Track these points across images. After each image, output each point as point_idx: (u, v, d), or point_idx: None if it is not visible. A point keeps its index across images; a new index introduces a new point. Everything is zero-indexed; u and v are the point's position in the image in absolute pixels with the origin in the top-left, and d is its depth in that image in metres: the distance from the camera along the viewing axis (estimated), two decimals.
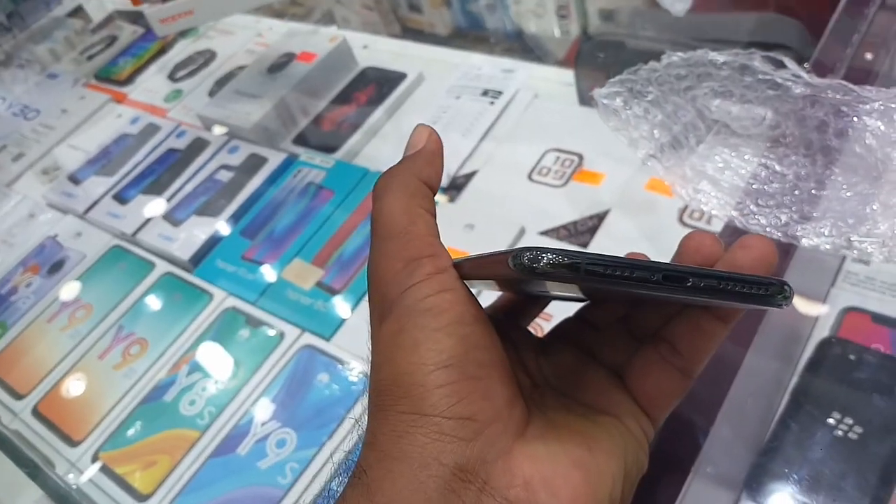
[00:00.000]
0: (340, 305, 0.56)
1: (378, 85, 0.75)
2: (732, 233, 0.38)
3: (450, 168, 0.63)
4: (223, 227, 0.66)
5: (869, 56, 0.46)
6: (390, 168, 0.29)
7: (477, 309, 0.25)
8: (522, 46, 0.81)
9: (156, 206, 0.70)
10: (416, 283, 0.25)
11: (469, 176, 0.63)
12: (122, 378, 0.57)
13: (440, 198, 0.61)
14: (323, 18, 0.94)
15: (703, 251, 0.26)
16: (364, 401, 0.27)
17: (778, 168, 0.37)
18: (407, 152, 0.30)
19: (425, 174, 0.29)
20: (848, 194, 0.36)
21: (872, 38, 0.46)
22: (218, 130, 0.77)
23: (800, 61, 0.41)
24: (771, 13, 0.60)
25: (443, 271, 0.26)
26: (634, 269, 0.20)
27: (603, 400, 0.28)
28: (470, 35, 0.88)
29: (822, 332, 0.42)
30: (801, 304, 0.42)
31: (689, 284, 0.21)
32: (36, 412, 0.58)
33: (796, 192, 0.37)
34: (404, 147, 0.30)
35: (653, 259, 0.22)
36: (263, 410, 0.51)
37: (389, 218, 0.27)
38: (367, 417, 0.26)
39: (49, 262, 0.71)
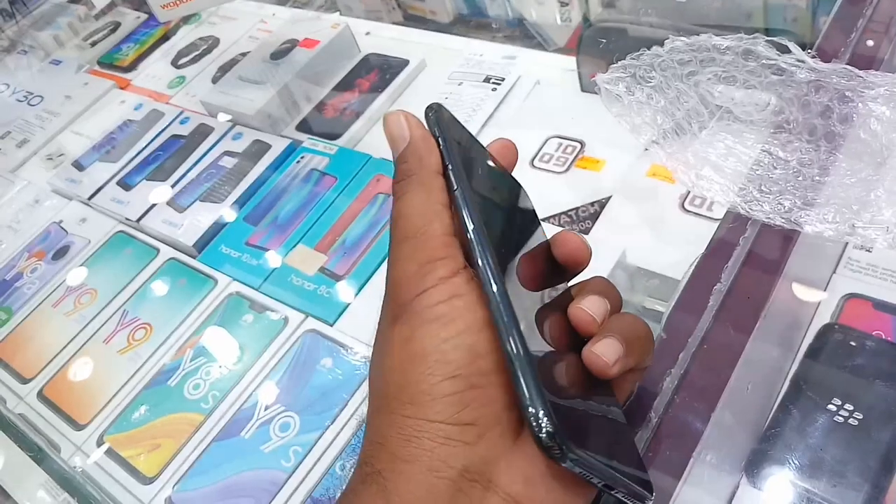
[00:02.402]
0: (343, 291, 0.56)
1: (380, 71, 0.75)
2: (735, 219, 0.38)
3: None
4: (227, 212, 0.66)
5: (871, 42, 0.46)
6: (404, 167, 0.30)
7: (485, 312, 0.26)
8: (524, 33, 0.80)
9: (160, 192, 0.71)
10: (428, 288, 0.26)
11: None
12: (127, 362, 0.58)
13: None
14: (325, 4, 0.93)
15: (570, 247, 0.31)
16: (365, 386, 0.28)
17: (781, 154, 0.37)
18: (396, 147, 0.31)
19: (436, 164, 0.29)
20: (852, 180, 0.36)
21: (876, 24, 0.46)
22: (222, 117, 0.77)
23: (804, 46, 0.41)
24: None
25: (455, 274, 0.27)
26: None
27: None
28: (472, 22, 0.88)
29: (823, 318, 0.41)
30: (802, 290, 0.42)
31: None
32: (42, 396, 0.58)
33: (800, 179, 0.37)
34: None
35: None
36: (267, 395, 0.51)
37: (406, 220, 0.28)
38: (368, 409, 0.27)
39: (54, 247, 0.71)
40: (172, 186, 0.71)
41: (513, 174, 0.34)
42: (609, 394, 0.29)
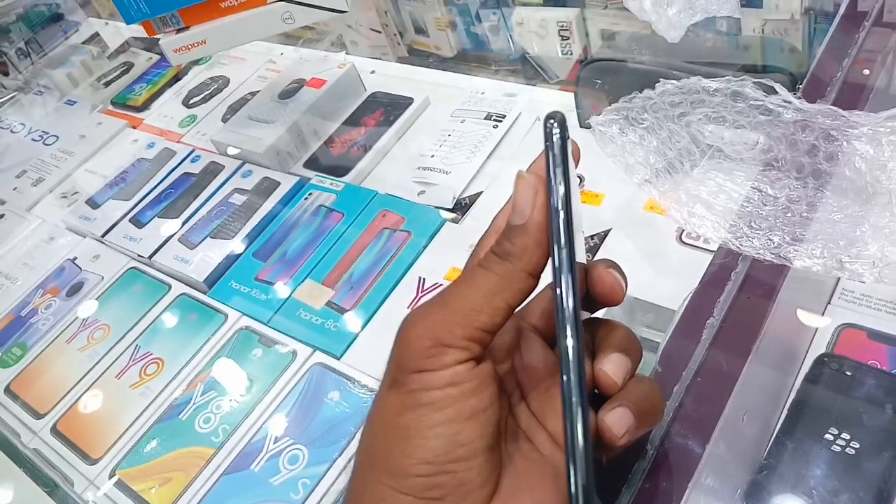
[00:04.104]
0: (350, 324, 0.57)
1: (386, 109, 0.77)
2: (727, 255, 0.39)
3: (455, 189, 0.65)
4: (237, 248, 0.68)
5: (866, 71, 0.47)
6: (506, 246, 0.28)
7: (480, 399, 0.27)
8: (525, 68, 0.83)
9: (171, 229, 0.72)
10: (430, 370, 0.27)
11: (474, 197, 0.64)
12: (138, 397, 0.59)
13: (447, 215, 0.63)
14: (334, 44, 0.96)
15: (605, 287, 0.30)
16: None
17: (770, 191, 0.39)
18: (513, 215, 0.29)
19: (534, 265, 0.28)
20: (838, 216, 0.37)
21: (865, 55, 0.47)
22: (231, 151, 0.79)
23: (793, 83, 0.42)
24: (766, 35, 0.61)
25: (461, 362, 0.27)
26: None
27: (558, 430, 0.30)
28: (474, 57, 0.90)
29: (818, 348, 0.42)
30: (797, 321, 0.43)
31: None
32: (55, 431, 0.60)
33: (788, 215, 0.38)
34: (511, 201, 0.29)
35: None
36: (276, 428, 0.52)
37: (463, 296, 0.28)
38: (355, 460, 0.29)
39: (68, 284, 0.73)
40: (184, 223, 0.73)
41: None
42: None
